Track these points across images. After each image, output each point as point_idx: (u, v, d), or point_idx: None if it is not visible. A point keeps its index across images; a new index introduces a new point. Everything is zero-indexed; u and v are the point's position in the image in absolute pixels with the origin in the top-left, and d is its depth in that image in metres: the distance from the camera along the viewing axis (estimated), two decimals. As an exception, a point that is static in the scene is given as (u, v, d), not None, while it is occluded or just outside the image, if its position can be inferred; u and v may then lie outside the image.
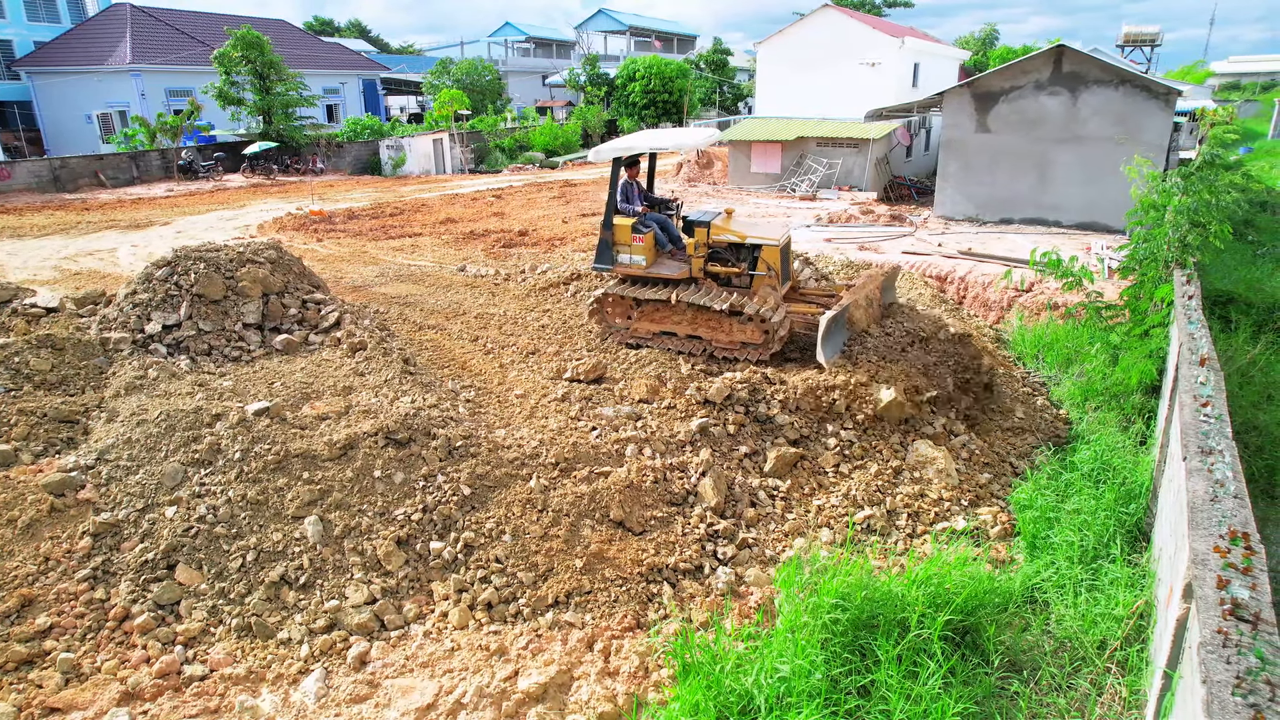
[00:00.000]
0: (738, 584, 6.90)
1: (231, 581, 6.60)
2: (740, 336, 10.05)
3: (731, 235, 10.28)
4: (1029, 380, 11.41)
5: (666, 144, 10.98)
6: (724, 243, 10.32)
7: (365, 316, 10.92)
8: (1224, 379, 5.75)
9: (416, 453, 7.50)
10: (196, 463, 7.32)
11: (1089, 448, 8.79)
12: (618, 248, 10.54)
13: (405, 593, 6.68)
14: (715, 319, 10.09)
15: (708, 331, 10.21)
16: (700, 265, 10.35)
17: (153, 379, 8.72)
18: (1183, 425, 4.94)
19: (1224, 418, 5.00)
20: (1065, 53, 19.26)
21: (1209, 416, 4.97)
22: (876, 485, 8.21)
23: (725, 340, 10.13)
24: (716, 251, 10.43)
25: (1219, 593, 3.29)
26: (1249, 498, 4.24)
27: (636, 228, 10.42)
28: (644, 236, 10.42)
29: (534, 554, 6.82)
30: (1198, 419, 4.93)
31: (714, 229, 10.29)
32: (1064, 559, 6.98)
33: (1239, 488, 4.14)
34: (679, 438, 8.24)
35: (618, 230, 10.49)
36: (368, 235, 19.54)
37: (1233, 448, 4.59)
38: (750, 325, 9.95)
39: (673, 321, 10.41)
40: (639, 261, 10.45)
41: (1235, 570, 3.44)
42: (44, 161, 30.74)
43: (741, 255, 10.37)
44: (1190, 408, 5.10)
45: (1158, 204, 8.64)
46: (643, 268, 10.45)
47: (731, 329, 10.08)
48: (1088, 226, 19.65)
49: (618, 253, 10.56)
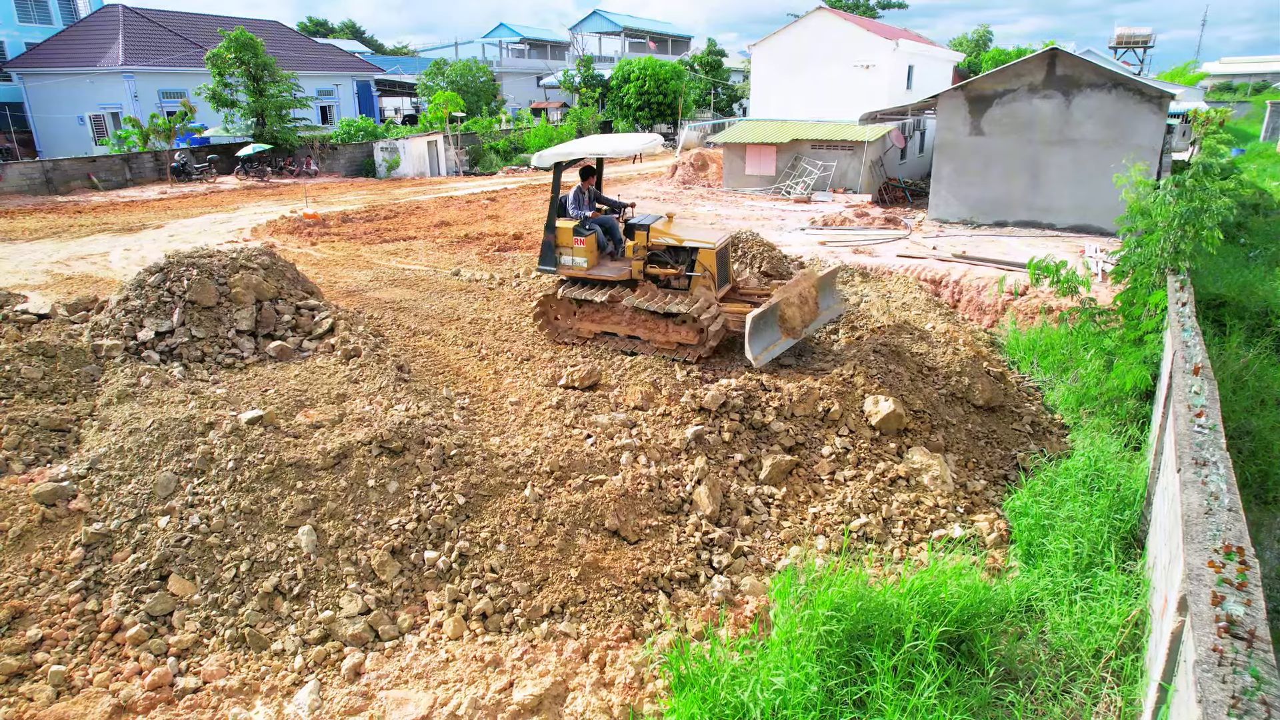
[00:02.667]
0: (733, 593, 6.89)
1: (225, 592, 6.57)
2: (676, 337, 10.36)
3: (670, 239, 10.64)
4: (1024, 385, 11.42)
5: (606, 149, 11.32)
6: (662, 246, 10.68)
7: (359, 323, 10.88)
8: (1218, 387, 5.76)
9: (410, 461, 7.47)
10: (189, 472, 7.28)
11: (1083, 453, 8.80)
12: (560, 250, 10.90)
13: (399, 603, 6.65)
14: (653, 320, 10.41)
15: (646, 332, 10.53)
16: (640, 267, 10.69)
17: (145, 387, 8.68)
18: (1177, 436, 4.95)
19: (1218, 428, 5.01)
20: (1058, 56, 19.31)
21: (1203, 427, 4.98)
22: (872, 493, 8.20)
23: (662, 340, 10.45)
24: (656, 254, 10.77)
25: (1214, 609, 3.29)
26: (1243, 507, 4.25)
27: (578, 230, 10.77)
28: (585, 239, 10.76)
29: (529, 563, 6.80)
30: (1192, 429, 4.93)
31: (653, 232, 10.67)
32: (1059, 567, 6.99)
33: (1233, 500, 4.14)
34: (674, 445, 8.23)
35: (560, 233, 10.85)
36: (361, 239, 19.48)
37: (1227, 459, 4.60)
38: (686, 326, 10.25)
39: (612, 322, 10.74)
40: (581, 263, 10.79)
41: (1230, 586, 3.44)
42: (35, 164, 30.58)
43: (680, 258, 10.70)
44: (1185, 418, 5.11)
45: (1149, 210, 8.65)
46: (584, 269, 10.79)
47: (668, 330, 10.40)
48: (1081, 229, 19.70)
49: (560, 255, 10.92)
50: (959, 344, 11.35)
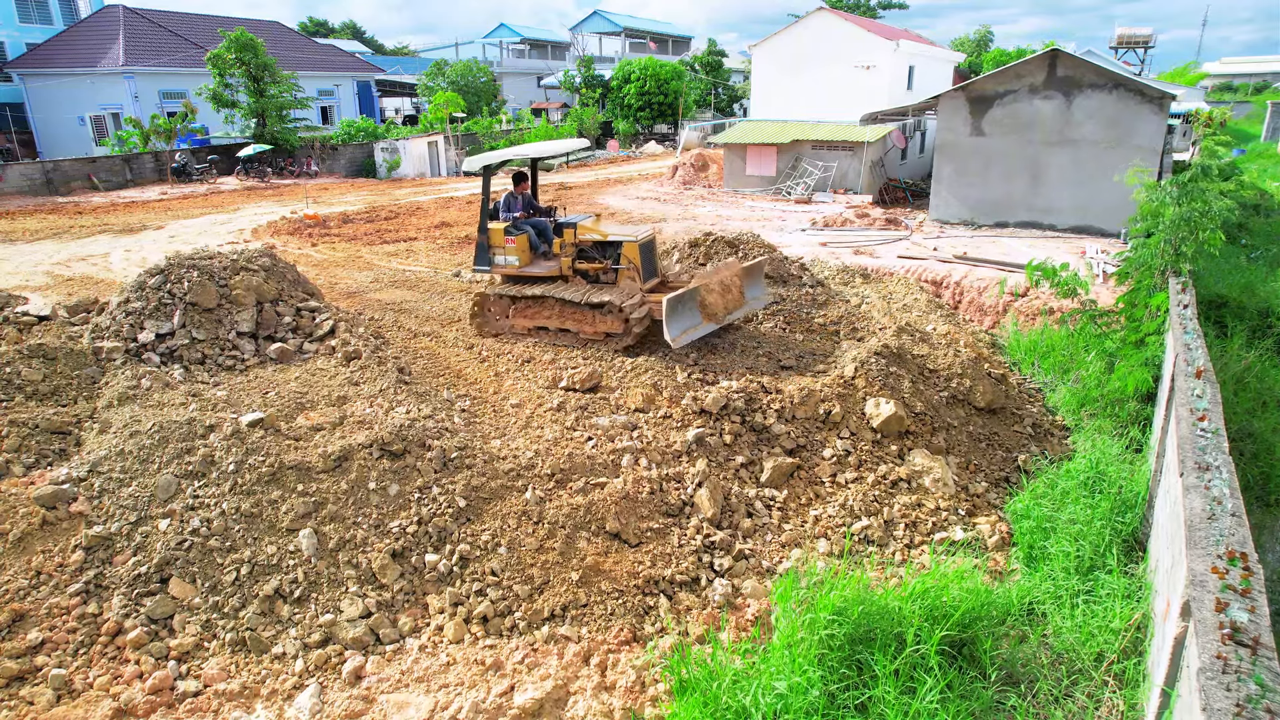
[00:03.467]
0: (734, 596, 6.88)
1: (225, 595, 6.56)
2: (604, 327, 10.84)
3: (595, 234, 11.25)
4: (1024, 387, 11.41)
5: (531, 153, 12.08)
6: (589, 241, 11.23)
7: (360, 324, 10.87)
8: (1220, 389, 5.75)
9: (411, 464, 7.46)
10: (190, 475, 7.27)
11: (1084, 456, 8.79)
12: (494, 250, 11.41)
13: (400, 606, 6.64)
14: (581, 312, 10.92)
15: (575, 324, 11.03)
16: (569, 264, 11.24)
17: (146, 389, 8.67)
18: (1180, 440, 4.94)
19: (1220, 432, 5.00)
20: (1059, 57, 19.30)
21: (1205, 431, 4.96)
22: (874, 495, 8.20)
23: (591, 331, 10.94)
24: (584, 251, 11.31)
25: (1217, 616, 3.28)
26: (1245, 510, 4.23)
27: (509, 230, 11.29)
28: (517, 239, 11.27)
29: (529, 566, 6.79)
30: (1194, 434, 4.92)
31: (580, 229, 11.27)
32: (1060, 570, 6.98)
33: (1236, 505, 4.13)
34: (675, 448, 8.22)
35: (492, 234, 11.36)
36: (362, 239, 19.48)
37: (1229, 463, 4.59)
38: (611, 316, 10.70)
39: (544, 317, 11.23)
40: (513, 262, 11.33)
41: (1234, 592, 3.43)
42: (36, 164, 30.58)
43: (607, 253, 11.22)
44: (1187, 422, 5.10)
45: (1160, 211, 8.65)
46: (517, 268, 11.33)
47: (596, 320, 10.86)
48: (1082, 230, 19.69)
49: (494, 255, 11.43)
50: (960, 346, 11.35)
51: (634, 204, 26.43)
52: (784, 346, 10.68)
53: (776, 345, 10.65)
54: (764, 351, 10.45)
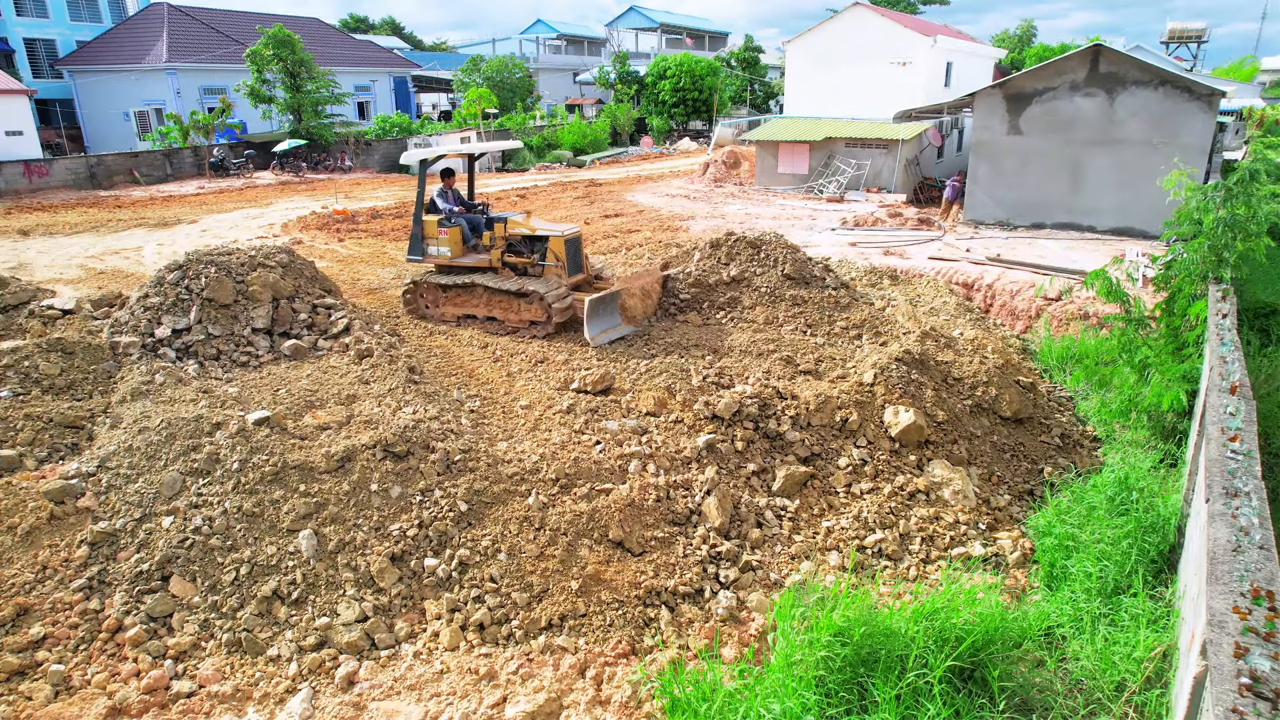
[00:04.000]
0: (739, 609, 6.68)
1: (224, 595, 6.53)
2: (528, 315, 11.39)
3: (523, 229, 11.77)
4: (1054, 395, 11.00)
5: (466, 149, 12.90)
6: (518, 236, 11.80)
7: (376, 322, 10.85)
8: (1256, 407, 5.40)
9: (414, 466, 7.38)
10: (195, 472, 7.27)
11: (1114, 470, 8.40)
12: (427, 241, 11.91)
13: (397, 610, 6.56)
14: (507, 300, 11.46)
15: (501, 312, 11.59)
16: (498, 256, 11.70)
17: (159, 384, 8.72)
18: (1207, 462, 4.63)
19: (1253, 454, 4.67)
20: (1102, 52, 18.65)
21: (1237, 453, 4.64)
22: (890, 507, 7.92)
23: (516, 319, 11.51)
24: (513, 244, 11.83)
25: (1236, 663, 3.01)
26: (1277, 545, 3.93)
27: (442, 223, 11.78)
28: (450, 231, 11.76)
29: (529, 574, 6.66)
30: (1224, 455, 4.61)
31: (510, 224, 11.85)
32: (1082, 591, 6.66)
33: (1265, 536, 3.83)
34: (685, 454, 8.03)
35: (426, 226, 11.87)
36: (389, 235, 19.56)
37: (1261, 489, 4.27)
38: (534, 305, 11.26)
39: (473, 305, 11.78)
40: (445, 253, 11.83)
41: (1256, 636, 3.15)
42: (80, 159, 31.33)
43: (535, 248, 11.76)
44: (1216, 442, 4.78)
45: (1195, 216, 8.22)
46: (449, 258, 11.83)
47: (520, 309, 11.44)
48: (1123, 232, 19.02)
49: (427, 246, 11.93)
50: (988, 352, 10.98)
51: (663, 201, 26.22)
52: (803, 350, 10.41)
53: (795, 349, 10.39)
54: (781, 355, 10.20)
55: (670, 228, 21.02)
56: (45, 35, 43.68)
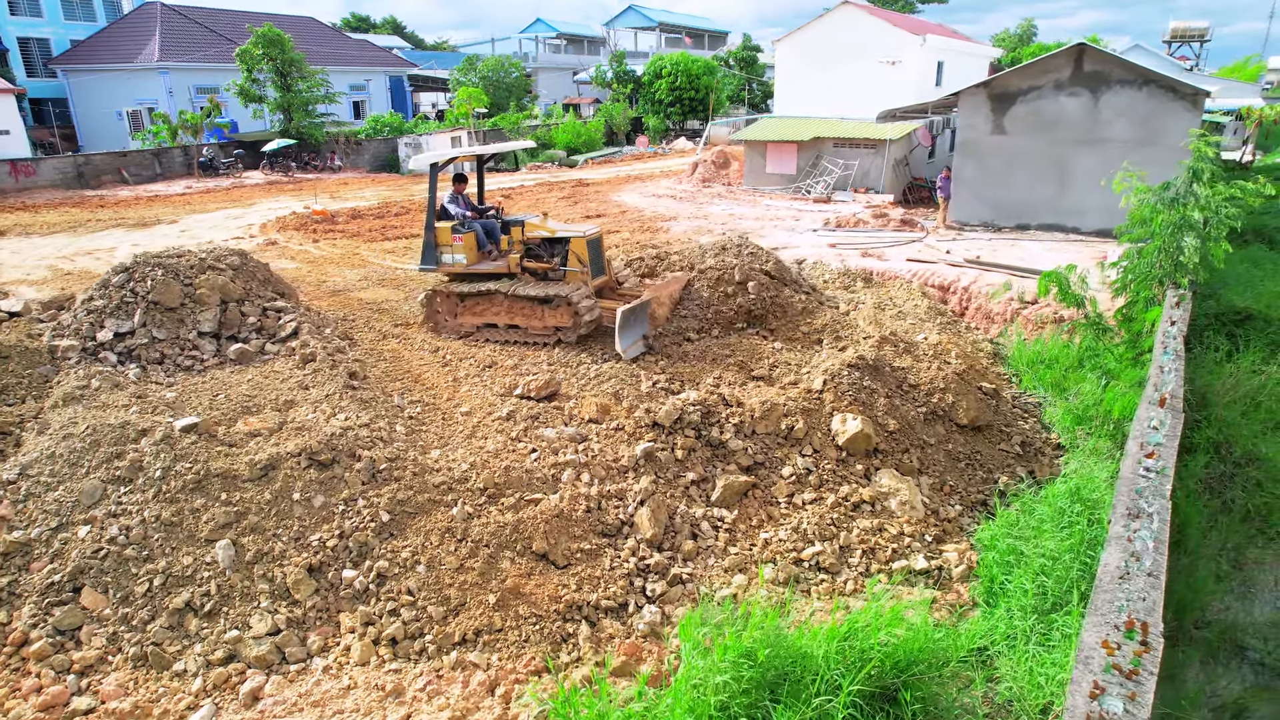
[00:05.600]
0: (662, 624, 6.49)
1: (136, 607, 6.38)
2: (552, 321, 10.81)
3: (543, 231, 11.16)
4: (1019, 402, 10.78)
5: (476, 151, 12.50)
6: (537, 239, 11.19)
7: (327, 325, 10.69)
8: (1182, 421, 5.19)
9: (339, 475, 7.22)
10: (116, 480, 7.12)
11: (1066, 481, 8.20)
12: (441, 249, 11.31)
13: (312, 623, 6.40)
14: (530, 307, 10.88)
15: (524, 319, 10.98)
16: (517, 261, 11.17)
17: (94, 389, 8.57)
18: (1120, 481, 4.43)
19: (1167, 471, 4.47)
20: (1086, 51, 18.39)
21: (1150, 470, 4.44)
22: (832, 518, 7.72)
23: (540, 326, 10.88)
24: (532, 249, 11.26)
25: (1089, 704, 2.82)
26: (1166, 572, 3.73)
27: (456, 229, 11.21)
28: (464, 237, 11.20)
29: (447, 586, 6.49)
30: (1136, 473, 4.41)
31: (528, 226, 11.25)
32: (1018, 608, 6.46)
33: (1156, 563, 3.63)
34: (622, 462, 7.85)
35: (439, 233, 11.26)
36: (365, 236, 19.42)
37: (1166, 510, 4.07)
38: (560, 310, 10.69)
39: (493, 313, 11.14)
40: (460, 260, 11.25)
41: (1119, 673, 2.96)
42: (68, 158, 31.29)
43: (555, 251, 11.17)
44: (1132, 458, 4.58)
45: (1147, 218, 7.99)
46: (464, 265, 11.25)
47: (544, 315, 10.83)
48: (1107, 233, 18.69)
49: (441, 253, 11.33)
50: (950, 357, 10.76)
51: (648, 201, 26.03)
52: (759, 355, 10.22)
53: (750, 354, 10.20)
54: (736, 360, 10.02)
55: (651, 229, 20.83)
56: (39, 34, 43.73)
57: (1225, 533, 8.20)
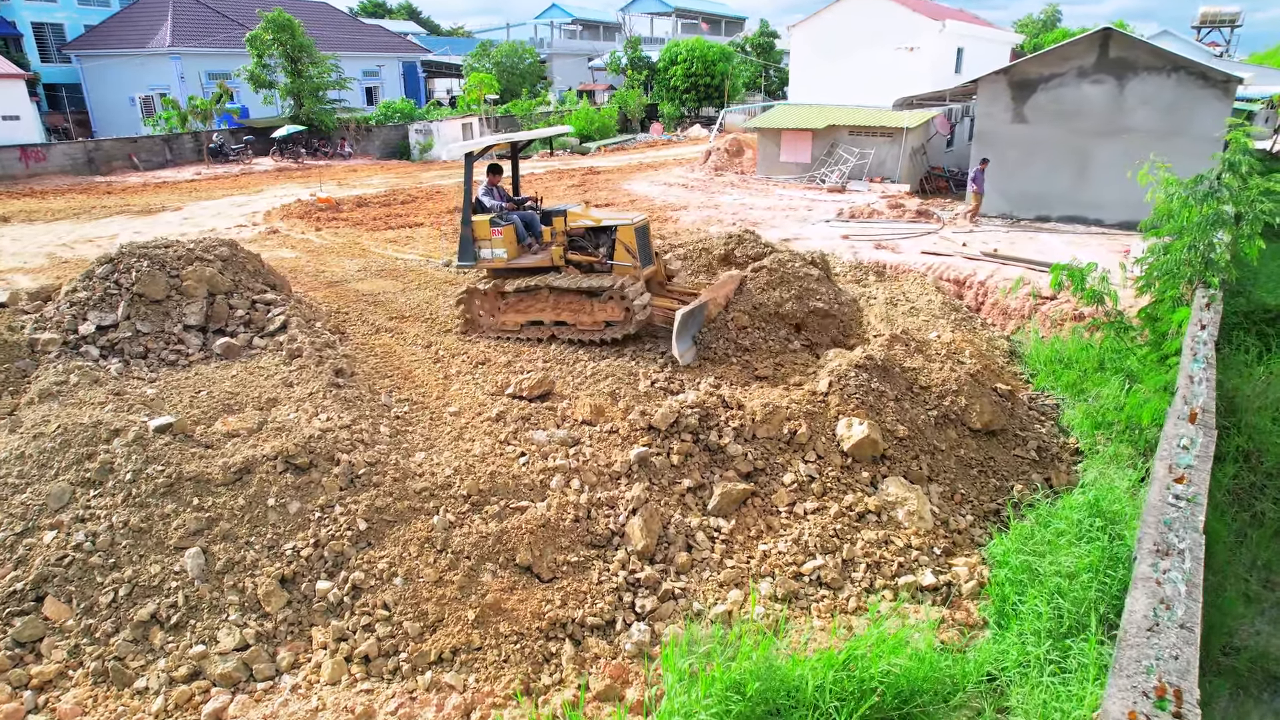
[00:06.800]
0: (651, 643, 6.13)
1: (100, 618, 6.10)
2: (603, 316, 10.20)
3: (587, 220, 10.62)
4: (1036, 404, 10.29)
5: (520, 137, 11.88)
6: (581, 229, 10.64)
7: (318, 319, 10.38)
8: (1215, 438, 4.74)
9: (316, 480, 6.90)
10: (86, 483, 6.83)
11: (1085, 491, 7.73)
12: (479, 244, 10.74)
13: (282, 638, 6.08)
14: (578, 301, 10.27)
15: (571, 315, 10.38)
16: (560, 253, 10.59)
17: (72, 385, 8.29)
18: (1146, 509, 4.00)
19: (1199, 499, 4.03)
20: (1112, 37, 17.69)
21: (1180, 498, 4.01)
22: (835, 529, 7.32)
23: (589, 321, 10.29)
24: (575, 240, 10.72)
25: (1111, 793, 2.42)
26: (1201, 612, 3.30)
27: (494, 222, 10.66)
28: (503, 230, 10.61)
29: (425, 600, 6.16)
30: (1165, 500, 3.98)
31: (570, 216, 10.68)
32: (1031, 632, 6.04)
33: (1190, 611, 3.21)
34: (614, 468, 7.47)
35: (477, 226, 10.69)
36: (368, 225, 19.11)
37: (1199, 546, 3.64)
38: (611, 303, 10.09)
39: (538, 310, 10.55)
40: (501, 255, 10.67)
41: (1147, 752, 2.55)
42: (78, 144, 31.18)
43: (600, 241, 10.64)
44: (1160, 483, 4.15)
45: (1175, 212, 7.49)
46: (505, 260, 10.67)
47: (594, 309, 10.23)
48: (1130, 226, 18.05)
49: (479, 249, 10.76)
50: (964, 356, 10.28)
51: (659, 190, 25.54)
52: (764, 353, 9.80)
53: (754, 352, 9.78)
54: (740, 359, 9.60)
55: (661, 218, 20.39)
56: (53, 19, 43.67)
57: (1255, 549, 7.72)
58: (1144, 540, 3.71)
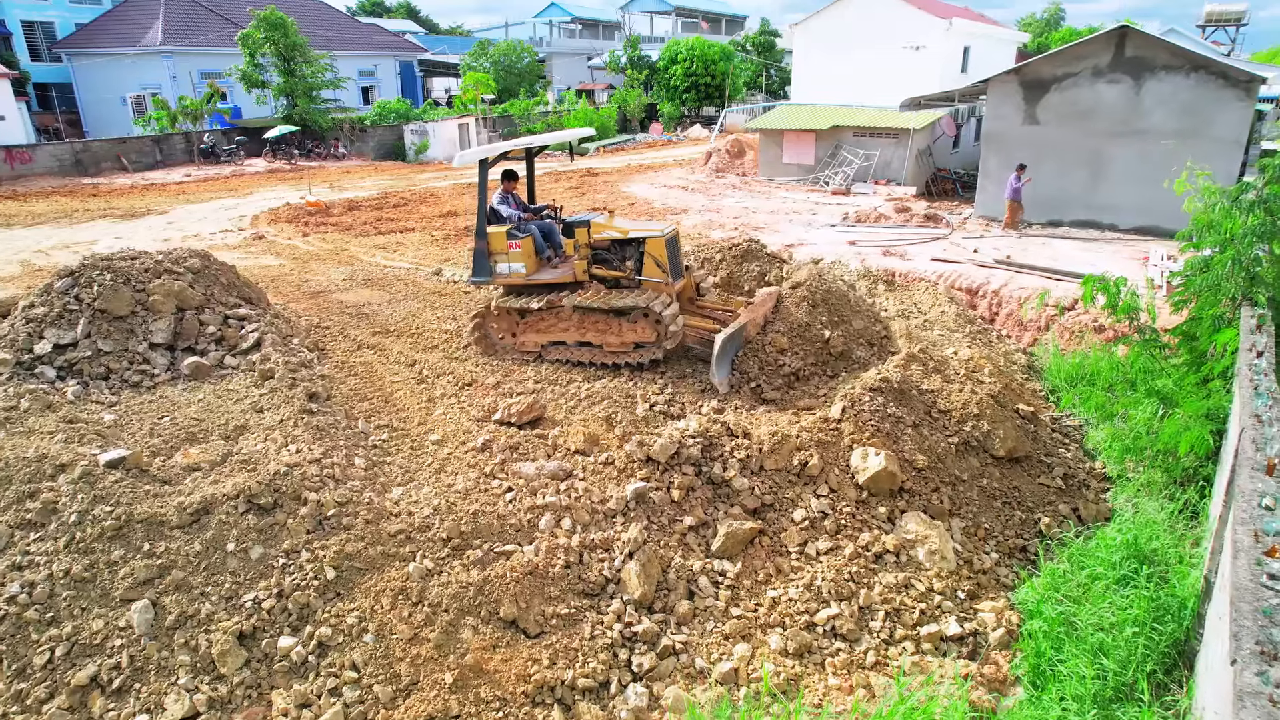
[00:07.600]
0: (650, 708, 5.51)
1: (33, 682, 5.46)
2: (632, 336, 9.49)
3: (613, 231, 9.78)
4: (1059, 425, 9.67)
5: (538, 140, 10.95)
6: (606, 241, 9.81)
7: (296, 335, 9.75)
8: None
9: (281, 522, 6.26)
10: (26, 525, 6.20)
11: (1121, 528, 7.10)
12: (495, 257, 9.96)
13: (238, 703, 5.45)
14: (605, 321, 9.52)
15: (597, 335, 9.62)
16: (584, 267, 9.82)
17: (22, 411, 7.66)
18: (1233, 590, 3.37)
19: (1297, 578, 3.40)
20: (1129, 35, 17.07)
21: (1276, 578, 3.38)
22: (850, 572, 6.69)
23: (617, 342, 9.55)
24: (600, 253, 9.90)
25: None
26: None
27: (511, 234, 9.90)
28: (521, 242, 9.87)
29: (398, 661, 5.53)
30: (1258, 585, 3.35)
31: (594, 227, 9.83)
32: (1073, 697, 5.42)
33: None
34: (609, 505, 6.85)
35: (493, 239, 9.91)
36: (357, 230, 18.48)
37: (1307, 643, 3.01)
38: (642, 323, 9.40)
39: (560, 330, 9.79)
40: (519, 270, 9.92)
41: None
42: (66, 145, 30.57)
43: (627, 254, 9.84)
44: (1246, 558, 3.53)
45: (1217, 222, 6.87)
46: (524, 276, 9.91)
47: (622, 329, 9.51)
48: (1146, 231, 17.48)
49: (495, 263, 9.99)
50: (984, 375, 9.66)
51: (659, 192, 24.92)
52: (773, 373, 9.17)
53: (763, 372, 9.15)
54: (748, 379, 8.98)
55: (660, 222, 19.74)
56: (44, 18, 43.07)
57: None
58: (1240, 635, 3.08)
